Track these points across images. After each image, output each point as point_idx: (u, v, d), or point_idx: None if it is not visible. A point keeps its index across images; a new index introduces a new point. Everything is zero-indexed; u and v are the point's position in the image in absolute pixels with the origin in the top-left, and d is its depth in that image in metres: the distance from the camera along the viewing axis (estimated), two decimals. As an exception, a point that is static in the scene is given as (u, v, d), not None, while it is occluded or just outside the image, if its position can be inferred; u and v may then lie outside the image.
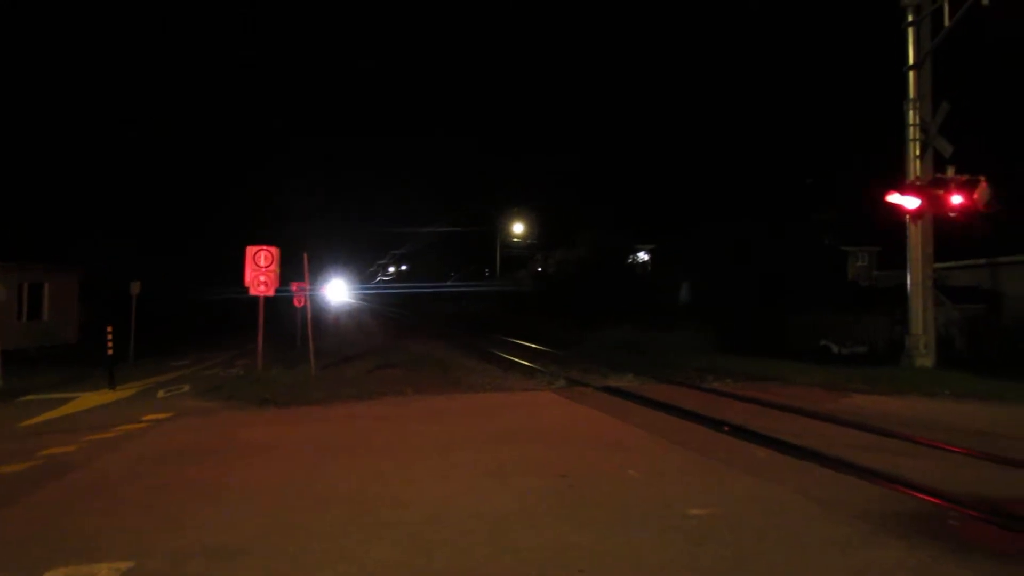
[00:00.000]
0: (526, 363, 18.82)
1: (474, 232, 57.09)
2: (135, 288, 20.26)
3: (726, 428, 9.39)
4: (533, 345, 25.32)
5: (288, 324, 26.72)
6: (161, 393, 14.11)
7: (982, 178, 13.19)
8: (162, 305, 31.06)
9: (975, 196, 13.04)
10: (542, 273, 47.99)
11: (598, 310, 32.10)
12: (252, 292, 15.14)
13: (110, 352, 14.88)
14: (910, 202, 14.04)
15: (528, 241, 57.33)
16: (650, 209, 48.31)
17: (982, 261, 25.40)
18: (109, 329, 14.90)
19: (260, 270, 15.04)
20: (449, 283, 62.55)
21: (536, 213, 56.26)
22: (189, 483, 7.14)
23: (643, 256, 47.71)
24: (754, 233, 34.21)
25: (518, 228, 57.38)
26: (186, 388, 14.69)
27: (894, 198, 14.13)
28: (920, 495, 6.24)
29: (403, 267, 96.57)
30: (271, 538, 5.45)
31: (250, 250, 15.18)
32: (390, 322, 45.97)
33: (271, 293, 15.27)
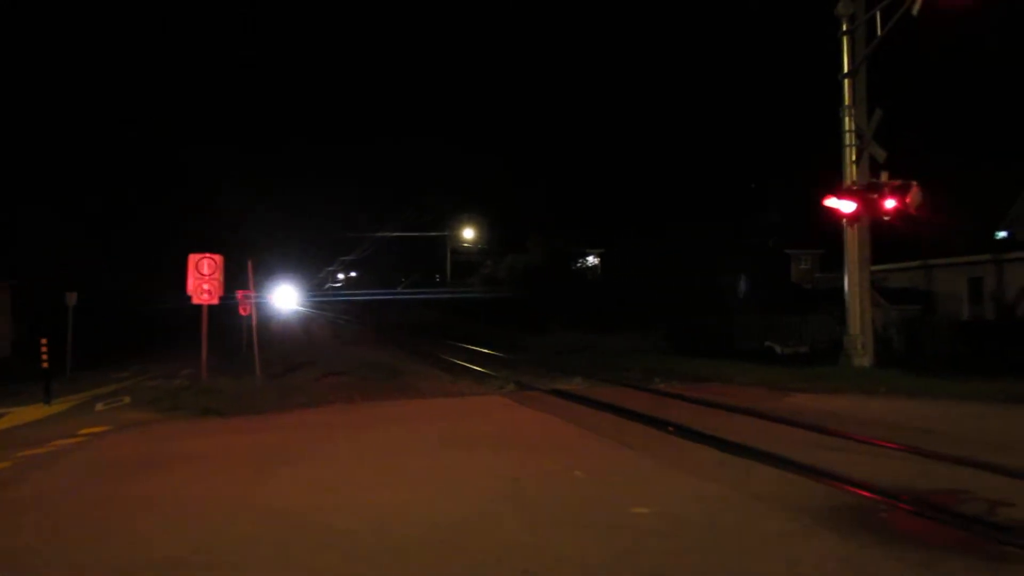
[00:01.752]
0: (476, 368, 18.85)
1: (424, 238, 56.91)
2: (71, 299, 19.69)
3: (671, 428, 9.56)
4: (484, 350, 25.37)
5: (236, 333, 26.26)
6: (100, 406, 13.74)
7: (914, 183, 13.65)
8: (103, 315, 30.21)
9: (907, 200, 13.48)
10: (492, 278, 48.07)
11: (548, 314, 32.30)
12: (195, 301, 14.85)
13: (45, 365, 14.40)
14: (846, 206, 14.45)
15: (479, 246, 57.34)
16: (600, 214, 48.84)
17: (917, 263, 26.31)
18: (43, 341, 14.43)
19: (203, 278, 14.77)
20: (399, 289, 62.21)
21: (486, 218, 56.40)
22: (129, 497, 6.98)
23: (593, 260, 48.15)
24: (703, 237, 34.83)
25: (468, 234, 57.35)
26: (126, 400, 14.34)
27: (831, 202, 14.52)
28: (854, 489, 6.44)
29: (352, 274, 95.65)
30: (215, 549, 5.37)
31: (192, 258, 14.89)
32: (339, 329, 45.52)
33: (215, 301, 15.00)
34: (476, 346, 27.15)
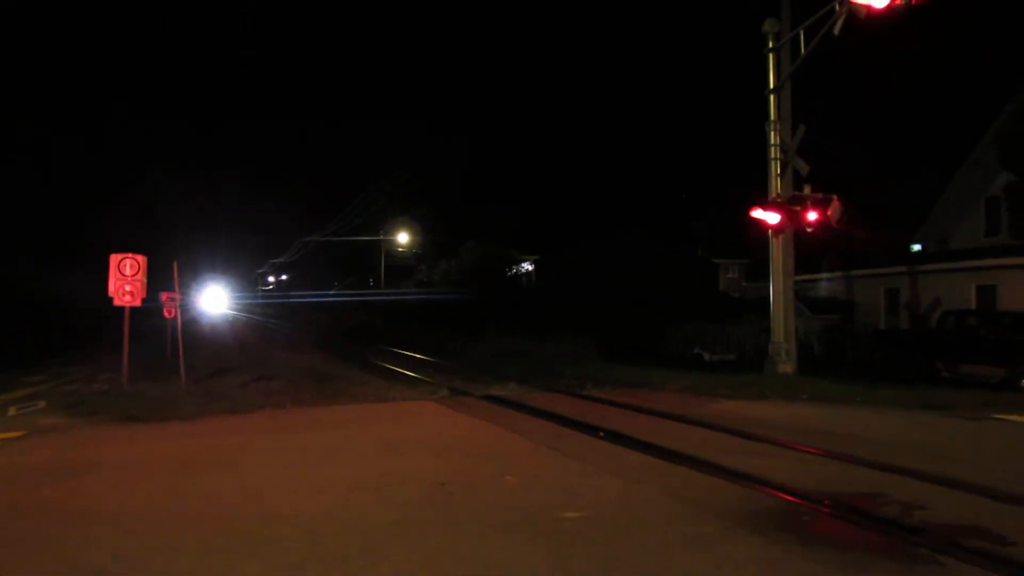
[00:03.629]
0: (410, 373, 18.71)
1: (358, 242, 56.23)
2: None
3: (601, 434, 9.68)
4: (417, 355, 25.21)
5: (161, 336, 25.39)
6: (12, 410, 13.09)
7: (835, 196, 14.18)
8: (16, 315, 28.80)
9: (829, 212, 14.00)
10: (427, 283, 47.86)
11: (483, 320, 32.30)
12: (116, 302, 14.32)
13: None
14: (771, 217, 14.90)
15: (413, 251, 56.98)
16: (534, 221, 49.25)
17: (838, 274, 27.30)
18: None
19: (125, 279, 14.26)
20: (333, 293, 61.34)
21: (421, 224, 56.09)
22: (43, 504, 6.67)
23: (527, 267, 48.41)
24: (635, 245, 35.38)
25: (403, 238, 56.88)
26: (42, 404, 13.69)
27: (757, 213, 14.96)
28: (777, 493, 6.64)
29: (284, 276, 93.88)
30: (134, 559, 5.18)
31: (114, 258, 14.36)
32: (270, 333, 44.53)
33: (137, 303, 14.50)
34: (410, 351, 26.97)
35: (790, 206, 14.67)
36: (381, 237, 55.59)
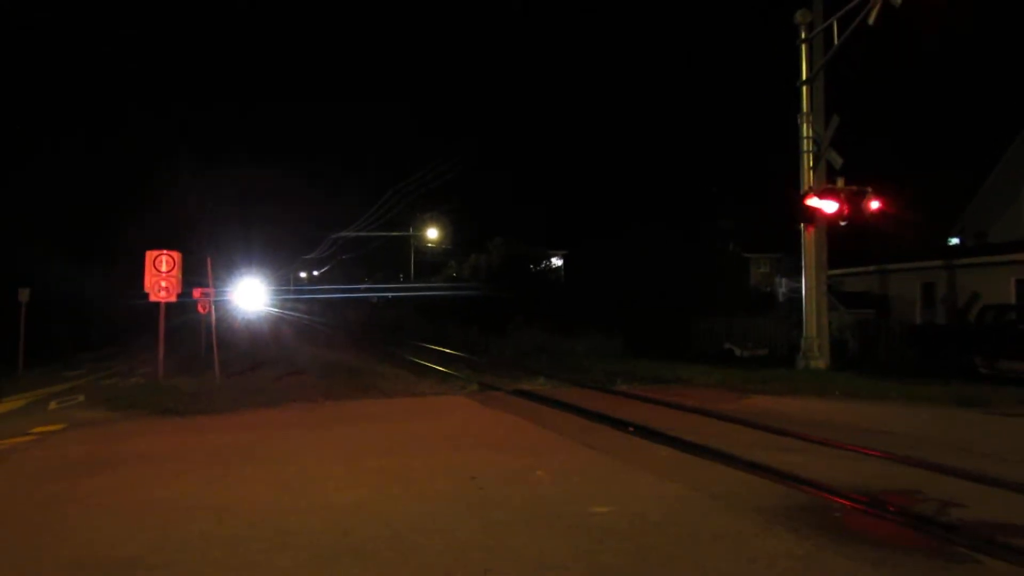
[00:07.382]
0: (440, 368, 18.79)
1: (388, 238, 56.59)
2: (24, 295, 19.20)
3: (631, 429, 9.65)
4: (447, 350, 25.32)
5: (196, 331, 25.83)
6: (53, 404, 13.41)
7: (869, 189, 13.98)
8: (57, 312, 29.43)
9: (863, 205, 13.81)
10: (456, 279, 47.99)
11: (511, 315, 32.32)
12: (152, 298, 14.60)
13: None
14: (805, 211, 14.74)
15: (442, 247, 57.22)
16: (564, 217, 49.09)
17: (872, 268, 26.86)
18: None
19: (161, 275, 14.52)
20: (363, 289, 61.80)
21: (451, 219, 56.28)
22: (81, 496, 6.83)
23: (556, 262, 48.31)
24: (664, 240, 35.12)
25: (432, 234, 57.16)
26: (81, 399, 14.01)
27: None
28: (810, 489, 6.57)
29: (315, 272, 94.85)
30: (169, 549, 5.28)
31: (150, 254, 14.63)
32: (302, 328, 45.04)
33: (172, 299, 14.76)
34: (439, 346, 27.09)
35: (824, 199, 14.48)
36: (410, 233, 55.89)
